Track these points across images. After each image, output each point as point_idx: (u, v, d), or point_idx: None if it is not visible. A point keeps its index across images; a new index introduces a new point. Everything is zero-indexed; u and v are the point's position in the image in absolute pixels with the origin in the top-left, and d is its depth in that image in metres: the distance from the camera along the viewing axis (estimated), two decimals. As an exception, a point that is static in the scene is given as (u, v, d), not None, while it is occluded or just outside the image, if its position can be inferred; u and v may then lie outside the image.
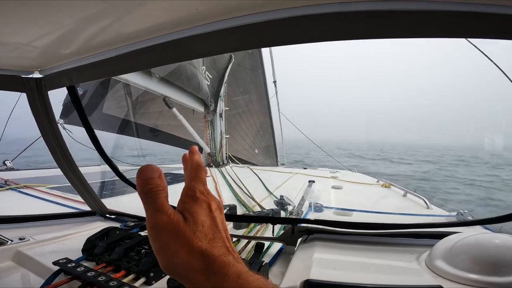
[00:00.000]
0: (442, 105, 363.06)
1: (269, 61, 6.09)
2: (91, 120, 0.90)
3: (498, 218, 0.69)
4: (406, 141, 67.29)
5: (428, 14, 0.36)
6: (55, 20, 0.47)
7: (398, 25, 0.38)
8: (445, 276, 0.54)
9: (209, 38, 0.46)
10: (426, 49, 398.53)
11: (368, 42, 6.12)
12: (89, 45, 0.58)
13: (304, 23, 0.41)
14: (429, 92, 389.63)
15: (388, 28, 0.39)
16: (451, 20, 0.36)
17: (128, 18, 0.47)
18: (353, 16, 0.39)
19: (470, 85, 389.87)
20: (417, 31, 0.39)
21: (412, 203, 2.09)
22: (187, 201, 0.33)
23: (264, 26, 0.42)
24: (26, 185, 2.01)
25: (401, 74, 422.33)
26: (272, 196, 2.03)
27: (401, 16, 0.37)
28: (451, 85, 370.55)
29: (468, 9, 0.35)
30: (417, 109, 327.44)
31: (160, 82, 2.84)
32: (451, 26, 0.37)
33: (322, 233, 0.81)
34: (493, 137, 15.67)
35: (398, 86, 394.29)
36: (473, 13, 0.35)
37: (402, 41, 63.02)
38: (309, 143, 6.48)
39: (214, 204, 0.35)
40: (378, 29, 0.39)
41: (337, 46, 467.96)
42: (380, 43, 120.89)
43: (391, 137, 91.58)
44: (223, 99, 4.31)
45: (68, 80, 0.69)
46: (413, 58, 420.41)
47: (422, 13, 0.37)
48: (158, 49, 0.50)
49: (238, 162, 4.84)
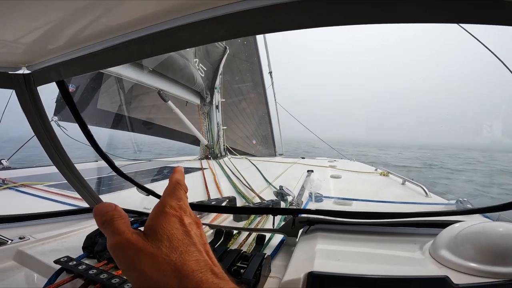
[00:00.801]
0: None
1: (264, 52, 6.01)
2: (85, 116, 0.88)
3: (499, 207, 0.69)
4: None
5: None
6: (41, 14, 0.45)
7: (403, 9, 0.37)
8: (450, 266, 0.53)
9: (201, 26, 0.44)
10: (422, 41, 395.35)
11: (361, 34, 5.64)
12: (77, 38, 0.56)
13: (299, 8, 0.39)
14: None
15: (380, 13, 0.37)
16: (441, 4, 0.35)
17: (117, 9, 0.44)
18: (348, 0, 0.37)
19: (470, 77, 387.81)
20: (408, 16, 0.37)
21: (411, 191, 2.10)
22: (154, 217, 0.32)
23: (257, 13, 0.40)
24: (24, 184, 2.00)
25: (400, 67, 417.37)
26: (272, 187, 2.03)
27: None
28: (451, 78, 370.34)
29: None
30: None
31: (153, 75, 2.80)
32: (441, 11, 0.35)
33: (323, 224, 0.81)
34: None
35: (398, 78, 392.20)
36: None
37: (400, 33, 60.30)
38: (310, 140, 6.47)
39: (188, 219, 0.33)
40: (374, 14, 0.37)
41: (329, 39, 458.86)
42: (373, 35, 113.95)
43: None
44: (219, 90, 4.26)
45: (57, 75, 0.67)
46: (409, 51, 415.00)
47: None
48: (149, 39, 0.48)
49: (236, 154, 4.83)
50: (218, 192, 1.89)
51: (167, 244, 0.29)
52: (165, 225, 0.31)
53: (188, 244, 0.30)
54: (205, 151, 4.07)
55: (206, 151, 4.07)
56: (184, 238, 0.31)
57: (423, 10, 0.36)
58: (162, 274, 0.27)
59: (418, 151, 25.99)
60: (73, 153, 0.88)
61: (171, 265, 0.28)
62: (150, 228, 0.31)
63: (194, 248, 0.30)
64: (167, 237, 0.30)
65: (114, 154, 3.83)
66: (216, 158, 3.88)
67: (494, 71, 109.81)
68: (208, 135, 4.10)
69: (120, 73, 2.38)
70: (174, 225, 0.31)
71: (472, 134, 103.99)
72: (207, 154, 4.04)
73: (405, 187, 2.26)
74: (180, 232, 0.31)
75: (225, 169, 2.74)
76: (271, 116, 6.44)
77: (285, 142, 6.36)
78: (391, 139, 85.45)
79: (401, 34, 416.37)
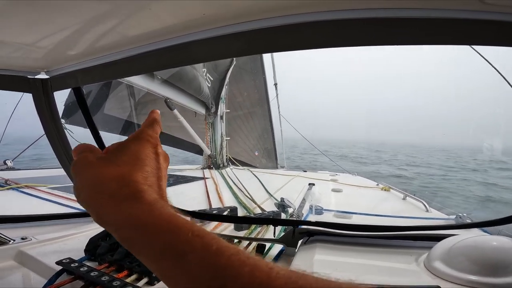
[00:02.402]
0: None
1: (270, 63, 6.12)
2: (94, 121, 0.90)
3: (496, 221, 0.70)
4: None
5: (427, 21, 0.37)
6: (61, 21, 0.48)
7: (403, 33, 0.39)
8: (443, 277, 0.55)
9: (216, 42, 0.47)
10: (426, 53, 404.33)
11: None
12: (95, 47, 0.58)
13: (310, 29, 0.41)
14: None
15: (394, 36, 0.40)
16: (453, 27, 0.37)
17: (135, 20, 0.47)
18: (357, 23, 0.40)
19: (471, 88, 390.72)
20: (419, 39, 0.40)
21: (412, 206, 2.09)
22: (127, 140, 0.33)
23: (270, 32, 0.43)
24: (27, 185, 2.02)
25: (404, 77, 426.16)
26: (273, 198, 2.03)
27: (410, 23, 0.38)
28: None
29: (470, 17, 0.36)
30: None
31: (163, 84, 2.86)
32: (453, 34, 0.38)
33: (322, 235, 0.82)
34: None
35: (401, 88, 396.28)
36: (476, 20, 0.36)
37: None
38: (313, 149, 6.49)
39: (161, 149, 0.34)
40: (381, 37, 0.40)
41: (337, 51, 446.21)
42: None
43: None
44: (224, 101, 4.32)
45: (74, 81, 0.70)
46: (414, 61, 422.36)
47: (422, 21, 0.37)
48: (165, 52, 0.51)
49: (238, 164, 4.84)
50: (220, 201, 1.89)
51: (125, 158, 0.30)
52: (133, 144, 0.32)
53: (147, 165, 0.31)
54: (208, 160, 4.08)
55: (209, 160, 4.08)
56: (149, 161, 0.31)
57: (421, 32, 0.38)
58: (103, 181, 0.28)
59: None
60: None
61: (118, 173, 0.28)
62: (119, 145, 0.32)
63: (150, 170, 0.31)
64: (130, 152, 0.31)
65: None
66: (219, 168, 3.89)
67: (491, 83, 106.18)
68: (212, 145, 4.13)
69: (131, 80, 2.44)
70: (146, 149, 0.32)
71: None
72: (209, 164, 4.05)
73: (406, 202, 2.25)
74: (150, 155, 0.32)
75: (227, 180, 2.75)
76: (274, 129, 6.47)
77: (286, 151, 6.36)
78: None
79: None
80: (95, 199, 0.28)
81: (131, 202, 0.26)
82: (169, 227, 0.25)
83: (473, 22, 0.36)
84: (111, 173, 0.28)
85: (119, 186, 0.27)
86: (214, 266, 0.22)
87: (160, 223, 0.25)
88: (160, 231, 0.24)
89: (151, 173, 0.30)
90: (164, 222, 0.25)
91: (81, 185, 0.30)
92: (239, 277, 0.21)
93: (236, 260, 0.22)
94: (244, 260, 0.22)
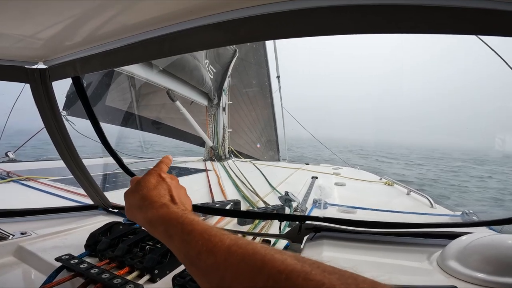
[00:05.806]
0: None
1: (273, 56, 6.03)
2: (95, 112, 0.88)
3: (505, 220, 0.69)
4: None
5: (433, 9, 0.35)
6: (59, 10, 0.46)
7: (406, 20, 0.37)
8: (458, 277, 0.53)
9: (220, 28, 0.44)
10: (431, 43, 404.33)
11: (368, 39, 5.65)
12: (95, 35, 0.56)
13: (309, 16, 0.39)
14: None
15: (396, 23, 0.38)
16: (460, 16, 0.35)
17: (136, 7, 0.45)
18: (356, 10, 0.37)
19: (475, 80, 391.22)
20: (425, 27, 0.37)
21: (416, 202, 2.07)
22: (144, 175, 0.51)
23: (271, 18, 0.41)
24: (29, 177, 2.01)
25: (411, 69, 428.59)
26: (276, 191, 2.01)
27: (409, 10, 0.36)
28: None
29: (478, 6, 0.33)
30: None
31: (163, 75, 2.81)
32: (460, 23, 0.35)
33: (329, 231, 0.80)
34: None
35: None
36: (484, 10, 0.34)
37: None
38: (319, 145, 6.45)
39: (165, 175, 0.50)
40: (382, 24, 0.38)
41: (340, 43, 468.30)
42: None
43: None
44: (226, 92, 4.27)
45: (73, 70, 0.67)
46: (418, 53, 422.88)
47: (429, 8, 0.35)
48: (167, 39, 0.48)
49: (240, 156, 4.82)
50: (222, 194, 1.88)
51: (143, 184, 0.47)
52: (145, 176, 0.49)
53: (158, 184, 0.48)
54: (210, 152, 4.07)
55: (211, 152, 4.07)
56: (158, 181, 0.48)
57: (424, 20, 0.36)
58: (134, 199, 0.47)
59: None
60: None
61: (141, 194, 0.46)
62: (138, 179, 0.50)
63: (164, 186, 0.47)
64: (145, 181, 0.48)
65: (120, 151, 3.85)
66: (221, 160, 3.88)
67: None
68: (214, 137, 4.11)
69: (131, 71, 2.40)
70: (153, 178, 0.49)
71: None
72: (211, 156, 4.04)
73: (410, 197, 2.23)
74: (155, 178, 0.49)
75: (229, 172, 2.73)
76: (276, 121, 6.43)
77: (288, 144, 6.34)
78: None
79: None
80: (131, 211, 0.48)
81: (147, 210, 0.44)
82: (164, 221, 0.40)
83: (477, 11, 0.34)
84: (136, 197, 0.47)
85: (140, 202, 0.45)
86: (185, 238, 0.35)
87: (160, 219, 0.41)
88: (159, 224, 0.41)
89: (162, 190, 0.47)
90: (162, 218, 0.41)
91: (128, 204, 0.49)
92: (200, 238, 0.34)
93: (202, 229, 0.35)
94: (209, 230, 0.35)
